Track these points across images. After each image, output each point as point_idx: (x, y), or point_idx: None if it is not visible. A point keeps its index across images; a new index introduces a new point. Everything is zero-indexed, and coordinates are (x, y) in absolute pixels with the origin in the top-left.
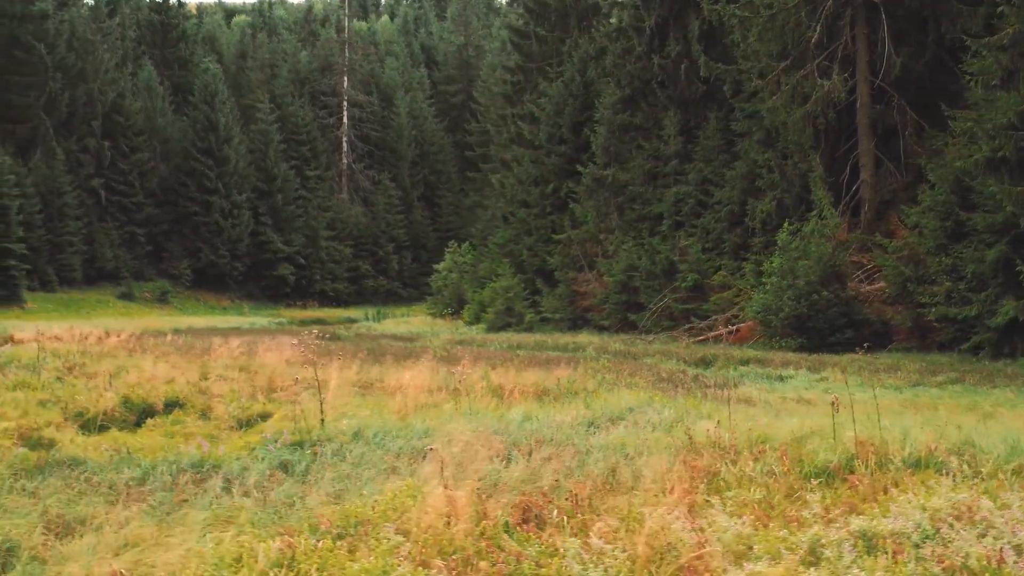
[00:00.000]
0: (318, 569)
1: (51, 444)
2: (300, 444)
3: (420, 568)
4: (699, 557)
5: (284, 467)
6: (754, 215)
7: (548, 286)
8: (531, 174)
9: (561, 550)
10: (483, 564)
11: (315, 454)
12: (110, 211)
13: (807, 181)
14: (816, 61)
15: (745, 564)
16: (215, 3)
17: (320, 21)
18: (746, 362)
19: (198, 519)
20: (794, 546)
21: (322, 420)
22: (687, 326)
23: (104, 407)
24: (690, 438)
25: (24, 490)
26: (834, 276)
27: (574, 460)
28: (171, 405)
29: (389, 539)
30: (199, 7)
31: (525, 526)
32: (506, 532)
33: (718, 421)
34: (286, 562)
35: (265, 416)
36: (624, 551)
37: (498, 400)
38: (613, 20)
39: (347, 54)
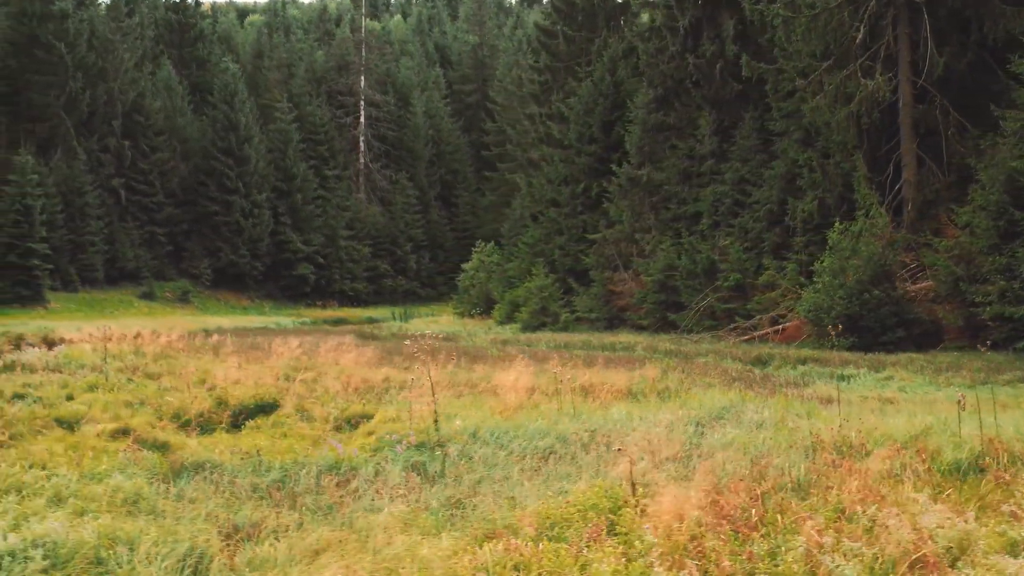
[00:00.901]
0: (549, 573)
1: (166, 446)
2: (421, 445)
3: (673, 569)
4: (923, 554)
5: (415, 468)
6: (794, 215)
7: (581, 286)
8: (561, 173)
9: (783, 548)
10: (726, 563)
11: (444, 455)
12: (130, 211)
13: (849, 181)
14: (859, 61)
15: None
16: (226, 2)
17: (334, 21)
18: (803, 361)
19: (377, 522)
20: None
21: (435, 421)
22: (731, 326)
23: (200, 409)
24: (818, 437)
25: (180, 495)
26: (884, 275)
27: (745, 460)
28: (266, 406)
29: (643, 539)
30: (213, 6)
31: (735, 524)
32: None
33: (841, 422)
34: (521, 565)
35: (365, 417)
36: (865, 548)
37: (588, 400)
38: (643, 19)
39: (363, 53)
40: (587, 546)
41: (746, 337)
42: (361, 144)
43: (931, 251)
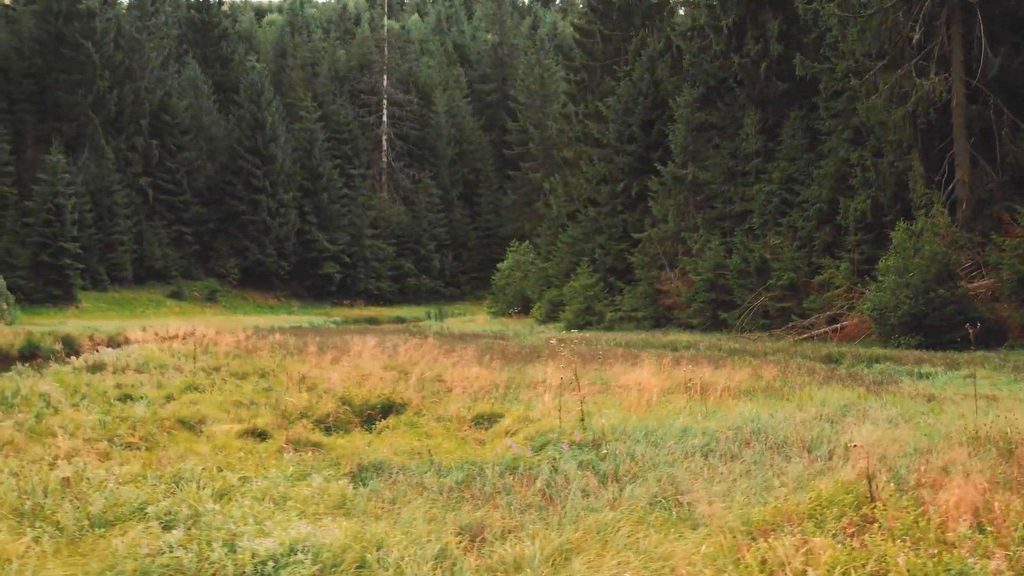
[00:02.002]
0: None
1: (319, 446)
2: (583, 444)
3: (984, 560)
4: None
5: (586, 467)
6: (847, 214)
7: (622, 284)
8: (599, 172)
9: None
10: None
11: (606, 455)
12: (158, 210)
13: (903, 180)
14: (914, 61)
15: None
16: (242, 2)
17: (353, 20)
18: (875, 360)
19: (604, 520)
20: None
21: (582, 419)
22: (788, 324)
23: (326, 409)
24: (975, 432)
25: (375, 495)
26: (947, 274)
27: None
28: (392, 406)
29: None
30: (232, 6)
31: None
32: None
33: (998, 417)
34: (811, 561)
35: (495, 416)
36: None
37: (706, 398)
38: (681, 17)
39: (386, 53)
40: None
41: (804, 336)
42: (384, 143)
43: (995, 250)
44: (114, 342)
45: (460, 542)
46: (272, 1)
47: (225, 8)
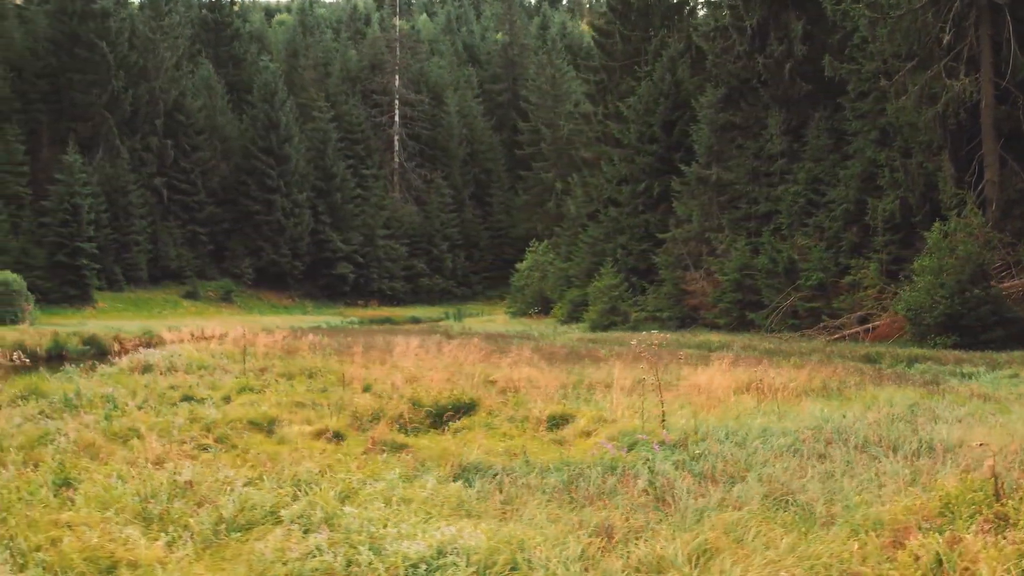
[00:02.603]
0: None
1: (404, 447)
2: (673, 445)
3: None
4: None
5: (679, 467)
6: (875, 214)
7: (644, 284)
8: (620, 173)
9: None
10: None
11: (697, 455)
12: (172, 210)
13: (932, 180)
14: (943, 62)
15: None
16: (251, 1)
17: (363, 20)
18: (914, 360)
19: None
20: None
21: (663, 420)
22: (820, 324)
23: (398, 410)
24: None
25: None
26: (981, 274)
27: None
28: (463, 407)
29: None
30: (241, 5)
31: None
32: None
33: None
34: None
35: (567, 416)
36: None
37: (767, 398)
38: (700, 18)
39: (398, 53)
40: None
41: (835, 336)
42: (396, 143)
43: None
44: (148, 343)
45: (591, 542)
46: (280, 1)
47: (236, 8)
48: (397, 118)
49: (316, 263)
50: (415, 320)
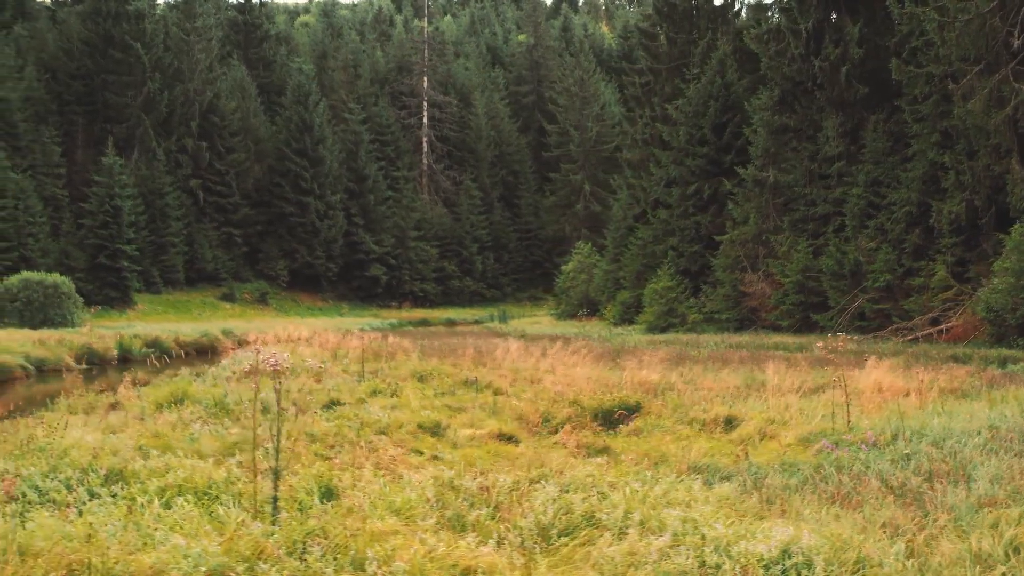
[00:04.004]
0: None
1: (606, 450)
2: (873, 445)
3: None
4: None
5: (895, 466)
6: (940, 217)
7: (702, 285)
8: (669, 175)
9: None
10: None
11: (907, 454)
12: (207, 212)
13: (999, 183)
14: (1010, 65)
15: None
16: (270, 3)
17: (387, 21)
18: (1006, 361)
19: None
20: None
21: (848, 421)
22: (892, 326)
23: (565, 414)
24: None
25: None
26: None
27: None
28: (627, 409)
29: None
30: (266, 7)
31: None
32: None
33: None
34: None
35: (733, 419)
36: None
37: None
38: (744, 20)
39: (426, 54)
40: None
41: (908, 337)
42: (424, 145)
43: None
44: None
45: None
46: (298, 2)
47: (264, 10)
48: (426, 120)
49: (349, 265)
50: (451, 322)
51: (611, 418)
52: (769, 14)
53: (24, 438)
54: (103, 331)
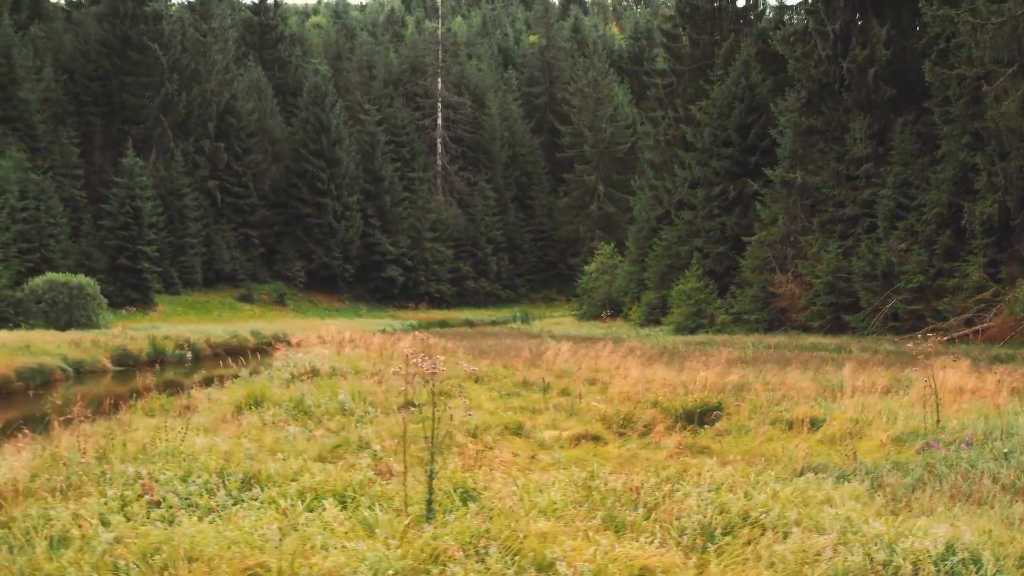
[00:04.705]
0: None
1: (707, 451)
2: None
3: None
4: None
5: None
6: (971, 217)
7: (730, 285)
8: (694, 176)
9: None
10: None
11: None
12: (224, 213)
13: None
14: None
15: None
16: (283, 4)
17: (399, 22)
18: None
19: None
20: None
21: (938, 420)
22: (928, 327)
23: (648, 415)
24: None
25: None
26: None
27: None
28: (709, 410)
29: None
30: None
31: None
32: None
33: None
34: None
35: (815, 419)
36: None
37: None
38: (767, 20)
39: (440, 55)
40: None
41: (944, 338)
42: (439, 146)
43: None
44: (268, 347)
45: None
46: (308, 3)
47: (279, 11)
48: (440, 121)
49: (366, 266)
50: (469, 323)
51: (694, 419)
52: (791, 15)
53: (147, 441)
54: (133, 332)
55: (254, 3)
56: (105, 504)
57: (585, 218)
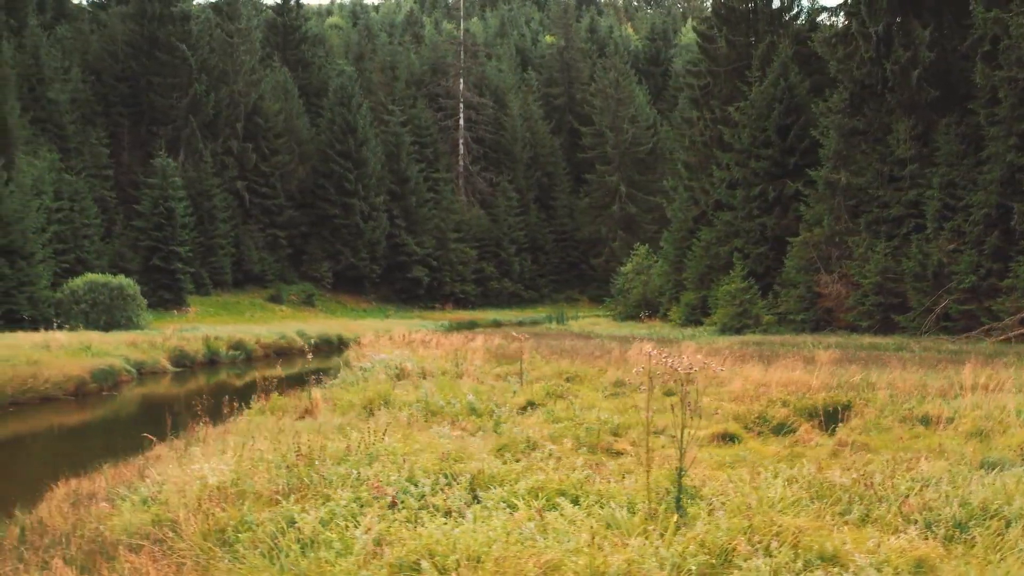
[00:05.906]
0: None
1: (863, 446)
2: None
3: None
4: None
5: None
6: (1021, 218)
7: (774, 286)
8: (733, 176)
9: None
10: None
11: None
12: (253, 214)
13: None
14: None
15: None
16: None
17: (418, 23)
18: None
19: None
20: None
21: None
22: (983, 327)
23: (780, 414)
24: None
25: None
26: None
27: None
28: (838, 409)
29: None
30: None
31: None
32: None
33: None
34: None
35: (950, 418)
36: None
37: None
38: (802, 23)
39: (462, 56)
40: None
41: (1001, 338)
42: (461, 147)
43: None
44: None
45: None
46: (323, 4)
47: (302, 12)
48: (462, 121)
49: (391, 267)
50: (497, 323)
51: (824, 416)
52: (827, 16)
53: (344, 446)
54: (185, 333)
55: (277, 3)
56: (345, 506)
57: (607, 219)
